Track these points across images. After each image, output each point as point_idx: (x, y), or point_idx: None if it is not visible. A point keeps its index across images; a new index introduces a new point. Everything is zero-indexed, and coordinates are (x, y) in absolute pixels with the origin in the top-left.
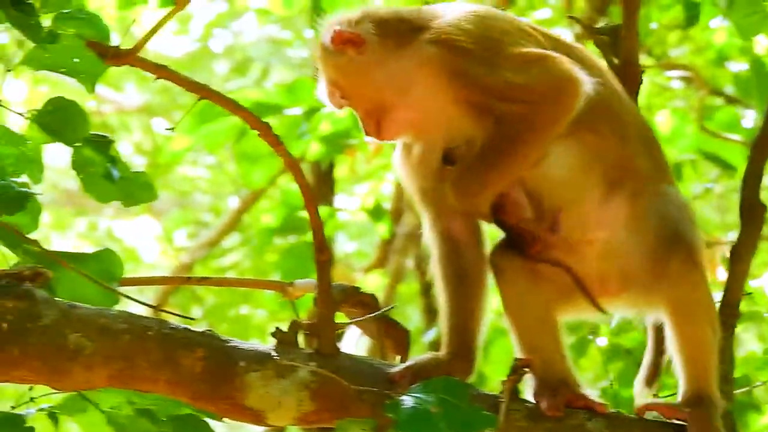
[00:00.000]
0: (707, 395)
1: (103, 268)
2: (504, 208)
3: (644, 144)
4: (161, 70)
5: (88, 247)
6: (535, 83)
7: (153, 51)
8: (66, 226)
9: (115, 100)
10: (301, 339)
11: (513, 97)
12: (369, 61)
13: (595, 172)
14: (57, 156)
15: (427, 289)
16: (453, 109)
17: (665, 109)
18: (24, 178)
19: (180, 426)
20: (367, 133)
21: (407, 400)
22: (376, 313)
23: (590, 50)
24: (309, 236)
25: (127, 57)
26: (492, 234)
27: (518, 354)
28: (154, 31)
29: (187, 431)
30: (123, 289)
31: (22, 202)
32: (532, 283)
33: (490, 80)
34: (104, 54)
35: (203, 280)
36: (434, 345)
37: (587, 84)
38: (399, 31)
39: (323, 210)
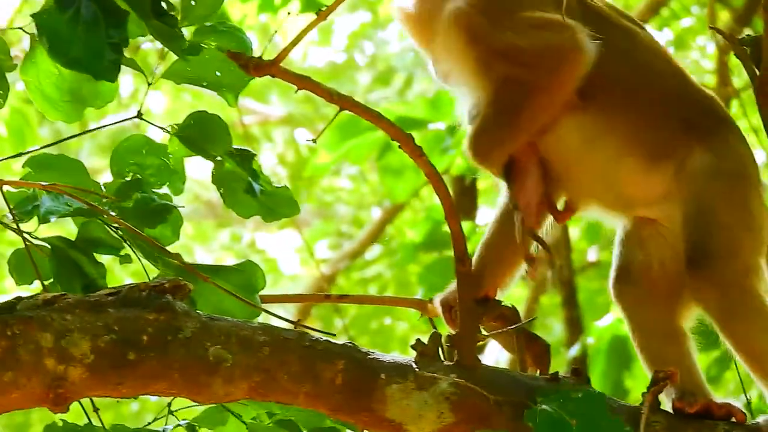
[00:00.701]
0: None
1: (243, 280)
2: (514, 175)
3: (678, 103)
4: (303, 81)
5: (230, 259)
6: (538, 48)
7: (297, 62)
8: (208, 238)
9: (258, 111)
10: (441, 351)
11: (516, 60)
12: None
13: (613, 146)
14: (199, 168)
15: (569, 301)
16: (465, 65)
17: None
18: (165, 190)
19: None
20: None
21: (547, 411)
22: (516, 325)
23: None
24: (452, 250)
25: (269, 68)
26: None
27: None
28: (296, 41)
29: None
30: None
31: (164, 214)
32: (652, 303)
33: (496, 39)
34: (246, 65)
35: (343, 298)
36: (577, 359)
37: (591, 53)
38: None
39: (466, 224)
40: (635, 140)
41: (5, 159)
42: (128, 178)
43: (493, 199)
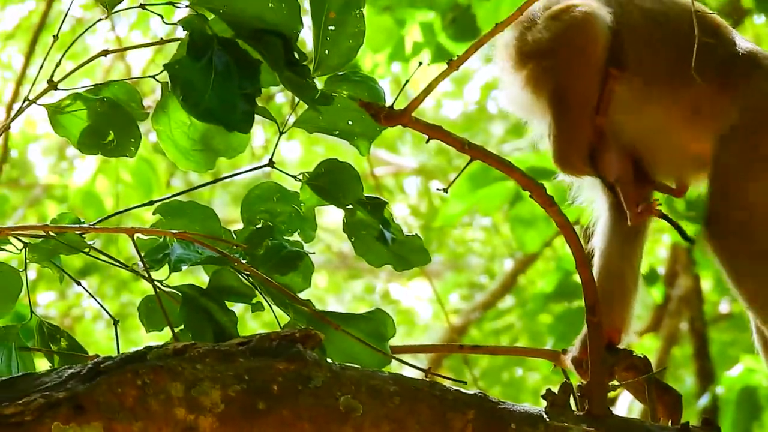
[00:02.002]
0: None
1: (373, 328)
2: (601, 168)
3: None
4: (435, 131)
5: (363, 310)
6: (555, 33)
7: (429, 112)
8: (341, 289)
9: (391, 162)
10: (573, 401)
11: (544, 54)
12: None
13: (661, 110)
14: (331, 218)
15: (701, 352)
16: (529, 95)
17: None
18: (296, 237)
19: None
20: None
21: None
22: (647, 375)
23: None
24: (582, 300)
25: (401, 117)
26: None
27: None
28: (427, 91)
29: None
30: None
31: (295, 261)
32: None
33: (528, 47)
34: (378, 115)
35: (475, 349)
36: (707, 410)
37: (603, 17)
38: None
39: None
40: (677, 100)
41: (138, 207)
42: (259, 226)
43: None
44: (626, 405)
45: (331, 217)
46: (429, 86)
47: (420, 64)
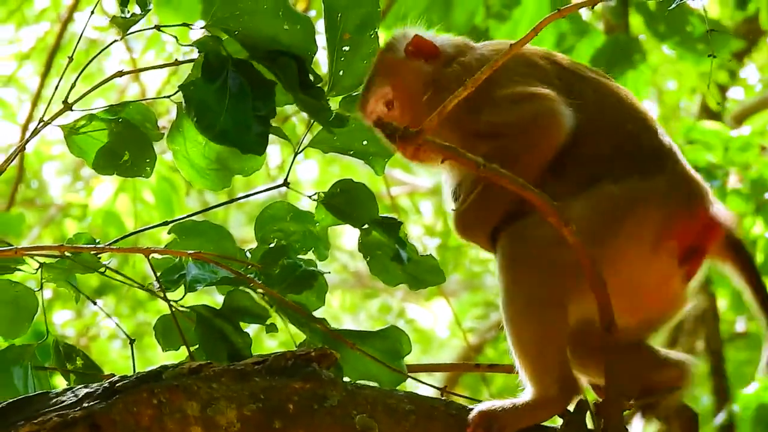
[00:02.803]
0: None
1: (388, 345)
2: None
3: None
4: (449, 151)
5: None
6: (517, 120)
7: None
8: (357, 308)
9: (406, 182)
10: (588, 419)
11: (496, 134)
12: (434, 75)
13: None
14: (347, 237)
15: (717, 371)
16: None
17: None
18: (310, 256)
19: None
20: (400, 150)
21: None
22: (665, 393)
23: None
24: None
25: (416, 138)
26: None
27: None
28: (442, 113)
29: None
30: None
31: (309, 280)
32: None
33: (474, 122)
34: (393, 135)
35: (492, 367)
36: (724, 428)
37: (568, 124)
38: (454, 51)
39: None
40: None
41: (151, 228)
42: (273, 245)
43: None
44: (642, 423)
45: (347, 237)
46: (443, 107)
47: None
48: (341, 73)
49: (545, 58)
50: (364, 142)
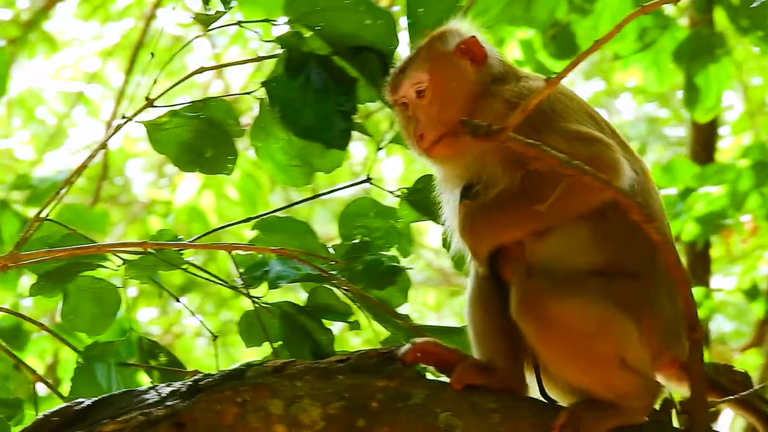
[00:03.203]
0: None
1: (469, 341)
2: (504, 262)
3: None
4: (533, 149)
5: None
6: (581, 157)
7: None
8: (441, 306)
9: None
10: (674, 417)
11: (551, 169)
12: (476, 81)
13: (592, 259)
14: (432, 234)
15: None
16: (491, 156)
17: None
18: (393, 252)
19: None
20: (415, 139)
21: None
22: (749, 391)
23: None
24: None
25: (500, 135)
26: None
27: None
28: (525, 109)
29: None
30: None
31: (393, 276)
32: None
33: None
34: (476, 132)
35: None
36: None
37: (628, 177)
38: (500, 70)
39: (698, 290)
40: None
41: (235, 224)
42: (356, 241)
43: (726, 266)
44: (728, 421)
45: (432, 234)
46: (527, 104)
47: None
48: None
49: (602, 118)
50: None
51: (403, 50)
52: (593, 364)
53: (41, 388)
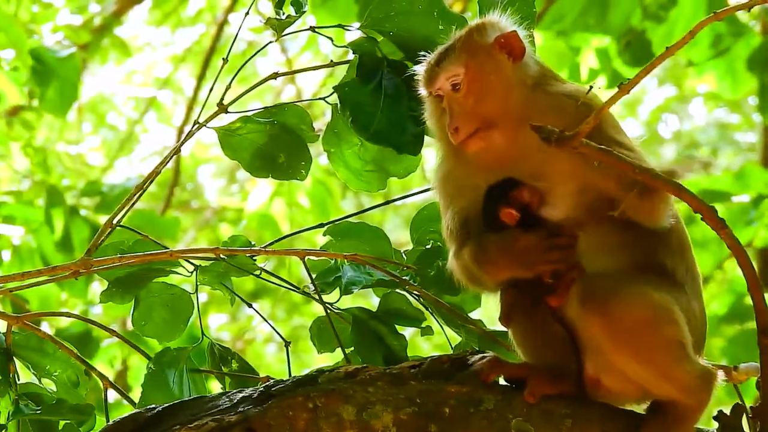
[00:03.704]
0: None
1: None
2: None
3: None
4: (604, 154)
5: None
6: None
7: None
8: None
9: None
10: (745, 423)
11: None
12: (513, 76)
13: (627, 259)
14: None
15: None
16: (557, 159)
17: None
18: None
19: None
20: (450, 131)
21: None
22: None
23: None
24: (754, 322)
25: (571, 141)
26: None
27: None
28: (597, 115)
29: None
30: None
31: None
32: None
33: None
34: (548, 138)
35: None
36: None
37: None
38: (536, 69)
39: None
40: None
41: (308, 229)
42: (429, 246)
43: None
44: None
45: None
46: (599, 110)
47: (591, 87)
48: None
49: None
50: None
51: None
52: (659, 352)
53: (111, 395)
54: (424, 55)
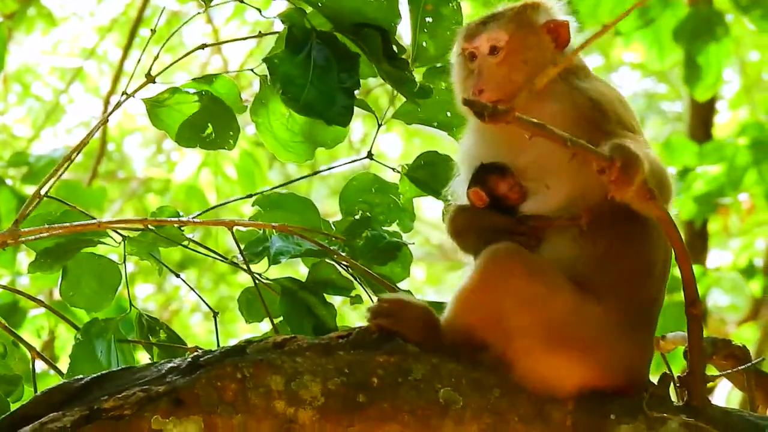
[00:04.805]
0: None
1: None
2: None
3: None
4: (539, 128)
5: None
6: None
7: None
8: (440, 281)
9: None
10: (672, 392)
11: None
12: (551, 60)
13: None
14: (430, 210)
15: None
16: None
17: None
18: (395, 228)
19: None
20: (476, 90)
21: None
22: (747, 365)
23: None
24: (682, 294)
25: (505, 116)
26: None
27: None
28: (532, 89)
29: None
30: None
31: (394, 251)
32: None
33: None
34: (481, 113)
35: None
36: None
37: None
38: (574, 63)
39: (696, 267)
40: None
41: (236, 200)
42: (358, 217)
43: (724, 242)
44: (725, 394)
45: (430, 209)
46: (534, 84)
47: None
48: (424, 44)
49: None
50: (448, 114)
51: (405, 27)
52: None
53: (39, 366)
54: (355, 26)
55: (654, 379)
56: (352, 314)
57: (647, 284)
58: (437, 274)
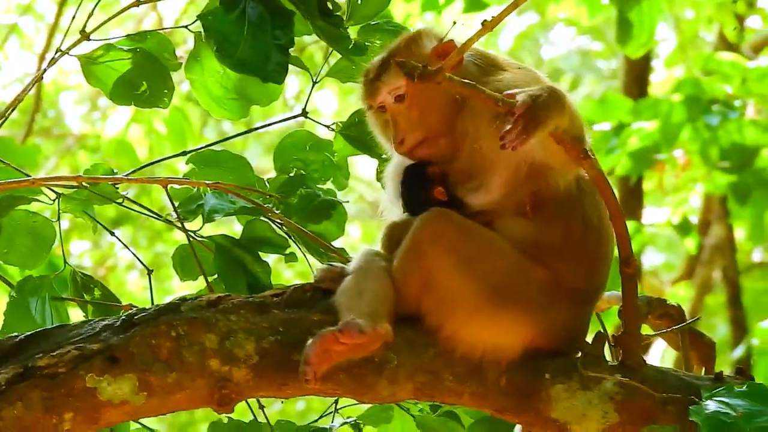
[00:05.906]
0: None
1: None
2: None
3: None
4: (468, 88)
5: None
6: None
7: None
8: (374, 238)
9: None
10: (606, 351)
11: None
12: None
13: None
14: (364, 167)
15: (734, 301)
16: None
17: None
18: (329, 186)
19: (487, 427)
20: (397, 142)
21: (711, 406)
22: (682, 324)
23: None
24: (616, 250)
25: (435, 76)
26: None
27: None
28: (461, 51)
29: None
30: None
31: (328, 209)
32: None
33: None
34: (411, 73)
35: None
36: (741, 360)
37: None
38: (477, 67)
39: (631, 224)
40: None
41: (170, 157)
42: (292, 174)
43: (659, 199)
44: (659, 354)
45: (365, 167)
46: (463, 46)
47: (454, 23)
48: (359, 1)
49: None
50: None
51: None
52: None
53: None
54: None
55: (589, 338)
56: (286, 272)
57: (596, 247)
58: (372, 232)
